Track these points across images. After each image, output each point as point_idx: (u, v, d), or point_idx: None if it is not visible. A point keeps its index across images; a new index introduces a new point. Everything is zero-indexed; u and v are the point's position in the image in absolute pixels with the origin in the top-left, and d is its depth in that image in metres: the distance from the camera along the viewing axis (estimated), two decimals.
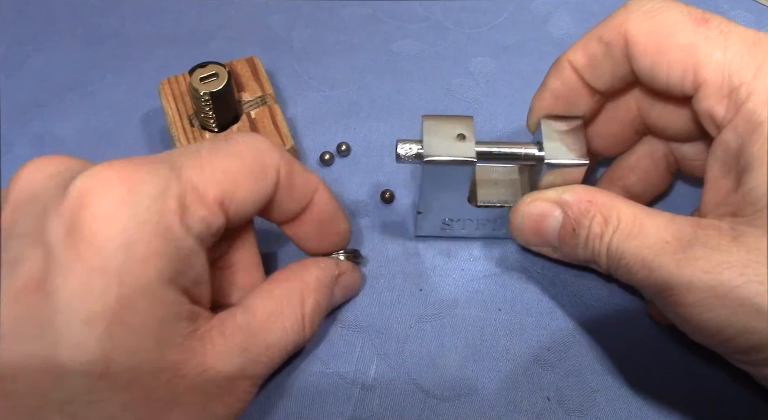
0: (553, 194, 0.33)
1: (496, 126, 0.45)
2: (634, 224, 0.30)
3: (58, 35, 0.50)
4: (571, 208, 0.32)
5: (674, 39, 0.30)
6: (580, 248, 0.32)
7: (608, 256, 0.31)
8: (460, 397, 0.35)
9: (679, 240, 0.28)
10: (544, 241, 0.34)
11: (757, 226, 0.27)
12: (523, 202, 0.34)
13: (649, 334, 0.37)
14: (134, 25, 0.51)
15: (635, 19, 0.31)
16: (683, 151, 0.37)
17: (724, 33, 0.30)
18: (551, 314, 0.38)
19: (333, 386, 0.35)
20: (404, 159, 0.34)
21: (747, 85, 0.29)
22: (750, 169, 0.28)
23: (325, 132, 0.45)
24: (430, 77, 0.48)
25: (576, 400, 0.35)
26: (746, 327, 0.26)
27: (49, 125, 0.46)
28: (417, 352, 0.36)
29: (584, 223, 0.32)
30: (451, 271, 0.39)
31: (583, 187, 0.33)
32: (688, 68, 0.30)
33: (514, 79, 0.47)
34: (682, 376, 0.35)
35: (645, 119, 0.36)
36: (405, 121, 0.45)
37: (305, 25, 0.51)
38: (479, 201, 0.37)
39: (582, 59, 0.34)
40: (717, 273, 0.27)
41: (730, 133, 0.30)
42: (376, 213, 0.42)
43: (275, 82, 0.47)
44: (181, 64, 0.48)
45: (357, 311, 0.38)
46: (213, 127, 0.41)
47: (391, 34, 0.50)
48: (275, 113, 0.42)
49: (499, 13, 0.51)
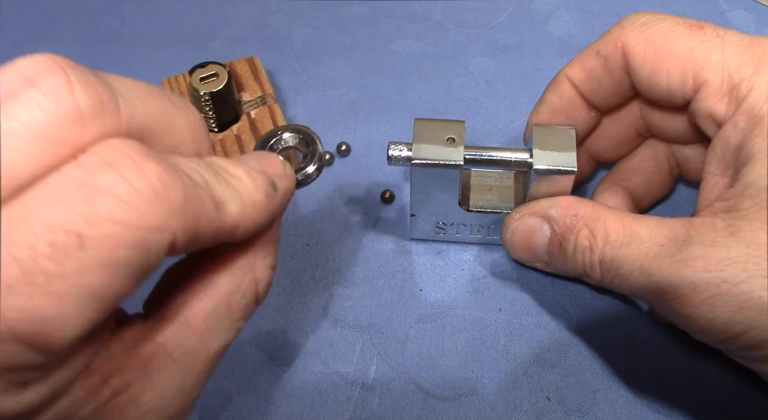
0: (540, 209, 0.33)
1: (496, 126, 0.45)
2: (624, 232, 0.30)
3: (58, 35, 0.50)
4: (557, 223, 0.33)
5: (672, 46, 0.31)
6: (568, 262, 0.32)
7: (602, 267, 0.31)
8: (460, 397, 0.35)
9: (673, 241, 0.28)
10: (535, 256, 0.35)
11: (754, 219, 0.27)
12: (512, 219, 0.35)
13: (649, 334, 0.37)
14: (134, 25, 0.51)
15: (631, 32, 0.32)
16: (685, 153, 0.37)
17: (720, 36, 0.30)
18: (551, 314, 0.38)
19: (333, 386, 0.35)
20: (394, 161, 0.34)
21: (747, 81, 0.29)
22: (750, 162, 0.28)
23: (325, 132, 0.45)
24: (430, 77, 0.48)
25: (576, 400, 0.35)
26: (753, 323, 0.26)
27: None
28: (417, 352, 0.36)
29: (570, 237, 0.32)
30: (451, 271, 0.39)
31: (569, 199, 0.33)
32: (687, 72, 0.30)
33: (514, 79, 0.47)
34: (682, 375, 0.35)
35: (646, 122, 0.36)
36: (405, 121, 0.45)
37: (305, 25, 0.51)
38: (471, 206, 0.38)
39: (580, 74, 0.34)
40: (718, 270, 0.27)
41: (730, 129, 0.30)
42: (376, 213, 0.41)
43: (275, 82, 0.47)
44: (181, 64, 0.48)
45: (357, 311, 0.38)
46: (213, 127, 0.41)
47: (391, 34, 0.50)
48: (275, 113, 0.42)
49: (499, 13, 0.51)
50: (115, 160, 0.19)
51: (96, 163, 0.19)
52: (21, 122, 0.18)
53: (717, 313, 0.27)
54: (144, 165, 0.19)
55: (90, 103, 0.19)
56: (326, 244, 0.40)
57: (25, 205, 0.18)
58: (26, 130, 0.18)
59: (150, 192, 0.19)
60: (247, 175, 0.23)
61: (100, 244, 0.18)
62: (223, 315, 0.23)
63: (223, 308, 0.23)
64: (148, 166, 0.19)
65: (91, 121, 0.19)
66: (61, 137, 0.19)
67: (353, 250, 0.40)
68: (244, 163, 0.23)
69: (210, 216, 0.21)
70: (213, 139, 0.41)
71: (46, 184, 0.18)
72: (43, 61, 0.19)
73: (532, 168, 0.33)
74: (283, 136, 0.28)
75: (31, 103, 0.18)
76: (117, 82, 0.21)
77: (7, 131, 0.18)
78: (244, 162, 0.23)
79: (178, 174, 0.20)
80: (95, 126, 0.19)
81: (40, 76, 0.19)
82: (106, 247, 0.18)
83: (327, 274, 0.39)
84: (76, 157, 0.19)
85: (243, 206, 0.22)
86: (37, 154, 0.18)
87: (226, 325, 0.23)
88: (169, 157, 0.20)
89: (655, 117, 0.36)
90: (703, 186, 0.32)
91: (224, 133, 0.41)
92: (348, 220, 0.41)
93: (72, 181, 0.18)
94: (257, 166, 0.24)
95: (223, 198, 0.21)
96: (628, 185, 0.38)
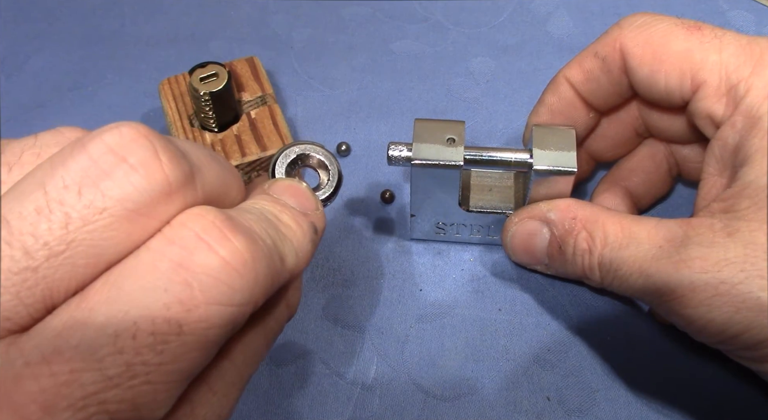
0: (539, 212, 0.34)
1: (496, 126, 0.45)
2: (623, 234, 0.30)
3: (58, 35, 0.50)
4: (556, 226, 0.33)
5: (669, 47, 0.31)
6: (568, 265, 0.33)
7: (601, 269, 0.31)
8: (460, 397, 0.35)
9: (671, 242, 0.28)
10: (535, 259, 0.35)
11: (751, 220, 0.27)
12: (512, 222, 0.35)
13: (649, 334, 0.37)
14: (134, 25, 0.51)
15: (629, 33, 0.32)
16: (683, 153, 0.37)
17: (718, 37, 0.30)
18: (551, 314, 0.38)
19: (333, 386, 0.35)
20: (394, 161, 0.34)
21: (745, 82, 0.29)
22: (748, 163, 0.28)
23: (325, 132, 0.45)
24: (430, 77, 0.48)
25: (576, 400, 0.35)
26: (752, 323, 0.26)
27: (49, 125, 0.45)
28: (417, 352, 0.36)
29: (569, 240, 0.32)
30: (451, 271, 0.39)
31: (567, 202, 0.33)
32: (685, 72, 0.30)
33: (514, 79, 0.47)
34: (682, 375, 0.35)
35: (645, 122, 0.36)
36: (405, 121, 0.45)
37: (305, 25, 0.51)
38: (471, 206, 0.38)
39: (579, 75, 0.34)
40: (716, 271, 0.27)
41: (728, 130, 0.30)
42: (376, 213, 0.41)
43: (275, 82, 0.47)
44: (181, 64, 0.48)
45: (357, 311, 0.38)
46: (213, 127, 0.41)
47: (391, 34, 0.50)
48: (275, 113, 0.42)
49: (499, 13, 0.51)
50: (203, 232, 0.19)
51: (186, 237, 0.18)
52: (115, 199, 0.18)
53: (715, 314, 0.27)
54: (232, 236, 0.19)
55: (177, 175, 0.19)
56: (326, 244, 0.40)
57: (122, 289, 0.18)
58: (120, 207, 0.18)
59: (241, 266, 0.19)
60: (296, 223, 0.23)
61: (196, 327, 0.18)
62: (259, 345, 0.23)
63: (260, 338, 0.23)
64: (235, 237, 0.19)
65: (177, 194, 0.19)
66: (152, 212, 0.18)
67: (353, 250, 0.40)
68: (286, 205, 0.23)
69: (280, 275, 0.21)
70: (213, 139, 0.41)
71: (140, 264, 0.18)
72: (129, 133, 0.19)
73: (532, 168, 0.33)
74: (302, 157, 0.28)
75: (123, 181, 0.18)
76: (188, 149, 0.20)
77: (101, 210, 0.18)
78: (285, 203, 0.23)
79: (257, 240, 0.20)
80: (180, 198, 0.19)
81: (129, 151, 0.18)
82: (201, 330, 0.18)
83: (327, 274, 0.39)
84: (161, 230, 0.19)
85: (297, 258, 0.22)
86: (128, 231, 0.18)
87: (261, 351, 0.24)
88: (242, 218, 0.20)
89: (653, 117, 0.36)
90: (702, 186, 0.32)
91: (224, 133, 0.41)
92: (348, 220, 0.41)
93: (166, 262, 0.18)
94: (295, 205, 0.24)
95: (284, 253, 0.21)
96: (627, 185, 0.38)
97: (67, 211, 0.18)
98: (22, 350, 0.17)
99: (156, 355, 0.17)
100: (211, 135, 0.41)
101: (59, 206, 0.18)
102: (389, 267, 0.39)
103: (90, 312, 0.18)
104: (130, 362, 0.17)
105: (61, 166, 0.18)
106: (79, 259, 0.18)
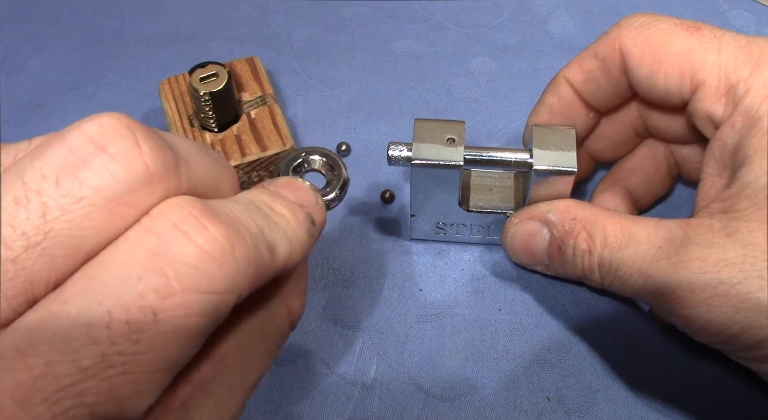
0: (539, 213, 0.34)
1: (496, 126, 0.45)
2: (623, 235, 0.30)
3: (58, 35, 0.50)
4: (555, 227, 0.33)
5: (669, 47, 0.31)
6: (568, 265, 0.33)
7: (601, 270, 0.31)
8: (460, 397, 0.35)
9: (670, 242, 0.28)
10: (535, 260, 0.35)
11: (750, 220, 0.27)
12: (512, 223, 0.35)
13: (649, 334, 0.37)
14: (134, 25, 0.51)
15: (629, 33, 0.32)
16: (683, 153, 0.37)
17: (717, 37, 0.30)
18: (551, 314, 0.38)
19: (333, 386, 0.35)
20: (394, 161, 0.34)
21: (744, 82, 0.29)
22: (747, 163, 0.28)
23: (325, 132, 0.45)
24: (430, 77, 0.48)
25: (576, 400, 0.35)
26: (751, 323, 0.26)
27: (49, 125, 0.45)
28: (417, 352, 0.36)
29: (569, 241, 0.32)
30: (451, 271, 0.39)
31: (567, 203, 0.33)
32: (684, 73, 0.30)
33: (514, 79, 0.47)
34: (682, 375, 0.35)
35: (645, 122, 0.36)
36: (405, 121, 0.45)
37: (305, 25, 0.51)
38: (471, 206, 0.38)
39: (578, 75, 0.34)
40: (716, 271, 0.27)
41: (727, 130, 0.30)
42: (376, 213, 0.42)
43: (275, 82, 0.47)
44: (181, 64, 0.48)
45: (357, 311, 0.38)
46: (213, 127, 0.41)
47: (391, 34, 0.50)
48: (275, 113, 0.42)
49: (499, 13, 0.51)
50: (180, 222, 0.18)
51: (163, 227, 0.18)
52: (93, 189, 0.18)
53: (715, 314, 0.27)
54: (209, 224, 0.18)
55: (158, 164, 0.19)
56: (326, 244, 0.40)
57: (97, 280, 0.18)
58: (98, 197, 0.18)
59: (219, 254, 0.18)
60: (290, 212, 0.22)
61: (173, 315, 0.18)
62: (258, 349, 0.23)
63: (258, 342, 0.23)
64: (213, 225, 0.18)
65: (158, 184, 0.19)
66: (131, 201, 0.18)
67: (353, 250, 0.40)
68: (281, 195, 0.23)
69: (267, 263, 0.20)
70: (213, 139, 0.41)
71: (115, 254, 0.18)
72: (110, 123, 0.19)
73: (532, 168, 0.33)
74: (308, 160, 0.28)
75: (102, 170, 0.18)
76: (174, 141, 0.20)
77: (78, 199, 0.18)
78: (281, 194, 0.23)
79: (239, 228, 0.19)
80: (162, 188, 0.19)
81: (108, 140, 0.18)
82: (179, 318, 0.18)
83: (327, 274, 0.39)
84: (139, 220, 0.18)
85: (291, 247, 0.22)
86: (107, 221, 0.18)
87: (261, 357, 0.23)
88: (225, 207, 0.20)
89: (653, 117, 0.36)
90: (701, 187, 0.32)
91: (224, 133, 0.41)
92: (348, 220, 0.41)
93: (142, 251, 0.18)
94: (293, 198, 0.23)
95: (274, 242, 0.21)
96: (627, 185, 0.38)
97: (45, 200, 0.17)
98: None
99: (131, 344, 0.17)
100: (211, 135, 0.41)
101: (37, 196, 0.18)
102: (389, 267, 0.39)
103: (65, 304, 0.17)
104: (105, 352, 0.17)
105: (40, 156, 0.18)
106: (57, 250, 0.18)
